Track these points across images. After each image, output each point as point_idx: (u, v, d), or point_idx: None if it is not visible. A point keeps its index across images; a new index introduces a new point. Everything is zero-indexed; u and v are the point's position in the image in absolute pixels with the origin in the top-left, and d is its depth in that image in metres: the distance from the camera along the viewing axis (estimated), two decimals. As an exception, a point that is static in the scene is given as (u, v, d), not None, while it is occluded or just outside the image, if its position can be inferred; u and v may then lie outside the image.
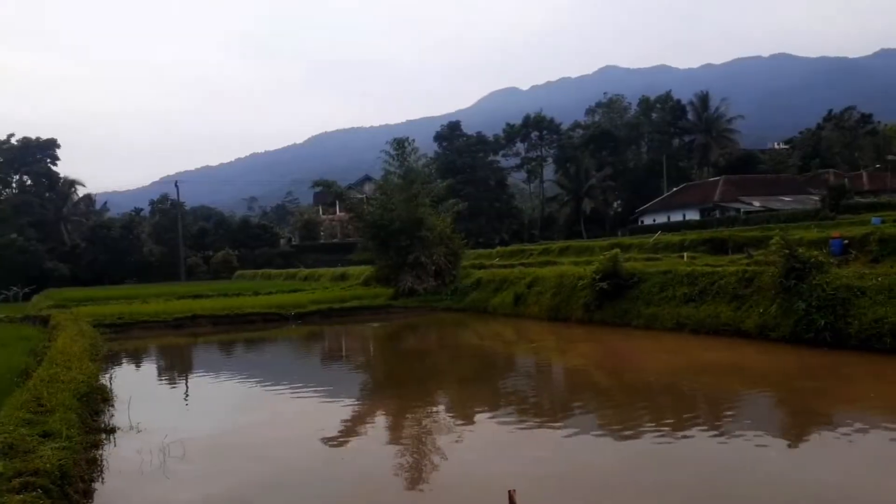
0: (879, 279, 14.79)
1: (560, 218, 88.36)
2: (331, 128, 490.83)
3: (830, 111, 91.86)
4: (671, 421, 10.25)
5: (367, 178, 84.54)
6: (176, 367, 19.97)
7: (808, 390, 12.08)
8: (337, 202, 77.14)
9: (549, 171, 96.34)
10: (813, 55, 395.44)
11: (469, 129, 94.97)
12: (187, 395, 15.02)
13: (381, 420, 11.64)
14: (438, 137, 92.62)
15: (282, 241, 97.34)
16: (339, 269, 53.93)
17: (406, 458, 9.09)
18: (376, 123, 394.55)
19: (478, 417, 11.19)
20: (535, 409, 11.73)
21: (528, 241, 72.47)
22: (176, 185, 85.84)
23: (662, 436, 9.43)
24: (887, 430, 9.07)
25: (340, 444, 9.86)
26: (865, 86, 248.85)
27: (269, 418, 11.85)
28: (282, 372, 17.59)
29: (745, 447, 8.70)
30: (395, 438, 10.26)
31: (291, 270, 67.55)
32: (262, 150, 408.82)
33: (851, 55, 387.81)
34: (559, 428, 10.16)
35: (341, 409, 12.32)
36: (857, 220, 36.90)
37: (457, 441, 9.77)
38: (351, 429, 10.86)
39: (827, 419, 10.10)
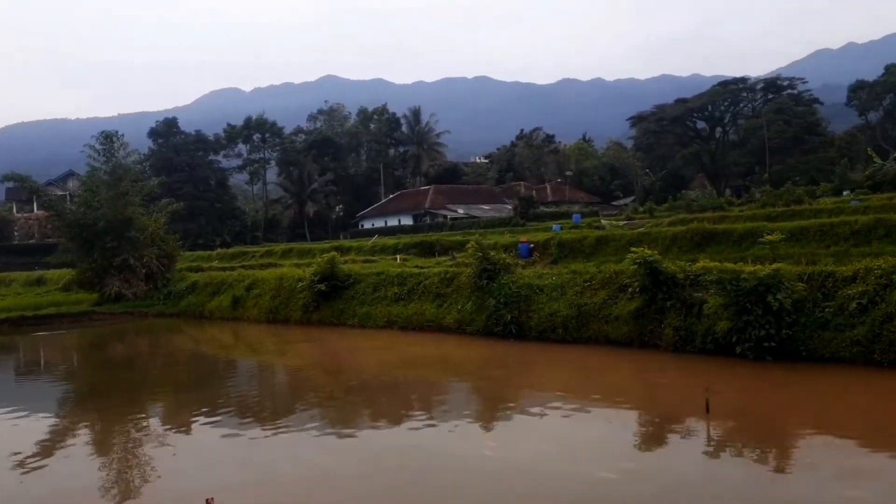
0: (554, 278, 17.16)
1: (284, 220, 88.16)
2: (29, 118, 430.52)
3: (522, 131, 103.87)
4: (387, 414, 11.04)
5: (72, 174, 76.82)
6: None
7: (499, 378, 13.71)
8: (35, 199, 68.70)
9: (272, 174, 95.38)
10: (509, 80, 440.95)
11: (188, 127, 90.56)
12: None
13: (83, 435, 10.89)
14: (153, 134, 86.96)
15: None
16: (36, 273, 49.07)
17: (111, 473, 8.72)
18: (84, 116, 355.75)
19: (194, 425, 10.94)
20: (254, 412, 11.75)
21: (252, 243, 71.14)
22: None
23: (379, 429, 10.08)
24: (561, 409, 10.61)
25: (36, 464, 9.05)
26: (550, 109, 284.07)
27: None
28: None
29: (453, 433, 9.69)
30: (99, 453, 9.69)
31: (-25, 275, 58.86)
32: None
33: (539, 82, 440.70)
34: (279, 430, 10.33)
35: (37, 426, 11.32)
36: (542, 227, 42.41)
37: (169, 451, 9.54)
38: (49, 447, 10.04)
39: (515, 403, 11.49)
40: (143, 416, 12.12)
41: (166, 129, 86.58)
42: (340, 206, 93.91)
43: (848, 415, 9.68)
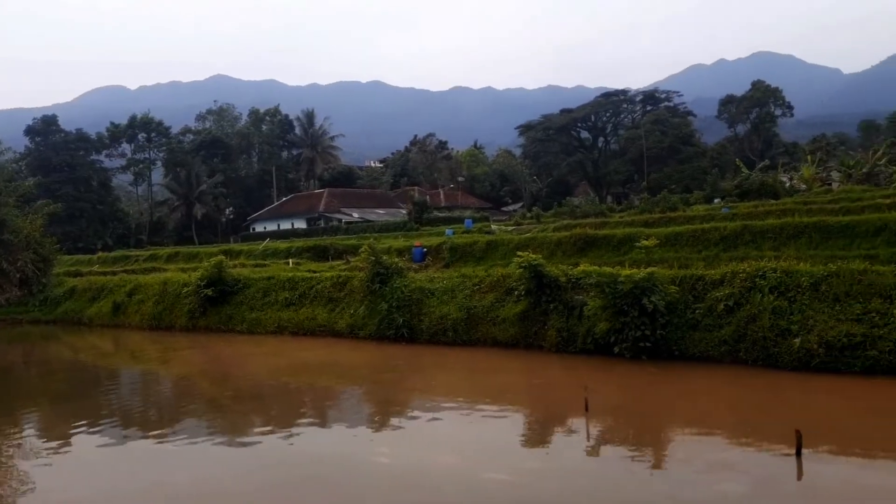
0: (445, 282, 17.47)
1: (170, 223, 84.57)
2: None
3: (416, 136, 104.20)
4: (277, 421, 10.94)
5: (-62, 173, 70.90)
6: None
7: (391, 381, 13.84)
8: None
9: (157, 175, 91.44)
10: (403, 86, 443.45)
11: (69, 125, 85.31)
12: None
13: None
14: (30, 132, 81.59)
15: None
16: None
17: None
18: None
19: (74, 437, 10.50)
20: (137, 422, 11.41)
21: (136, 247, 67.95)
22: None
23: (269, 437, 9.97)
24: (452, 411, 10.90)
25: None
26: (443, 116, 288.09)
27: None
28: None
29: (345, 440, 9.74)
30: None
31: None
32: None
33: (432, 89, 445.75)
34: (164, 440, 10.09)
35: None
36: (435, 232, 42.86)
37: (46, 465, 9.16)
38: None
39: (407, 407, 11.64)
40: (17, 428, 11.51)
41: (45, 127, 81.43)
42: (230, 208, 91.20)
43: (716, 410, 10.39)
